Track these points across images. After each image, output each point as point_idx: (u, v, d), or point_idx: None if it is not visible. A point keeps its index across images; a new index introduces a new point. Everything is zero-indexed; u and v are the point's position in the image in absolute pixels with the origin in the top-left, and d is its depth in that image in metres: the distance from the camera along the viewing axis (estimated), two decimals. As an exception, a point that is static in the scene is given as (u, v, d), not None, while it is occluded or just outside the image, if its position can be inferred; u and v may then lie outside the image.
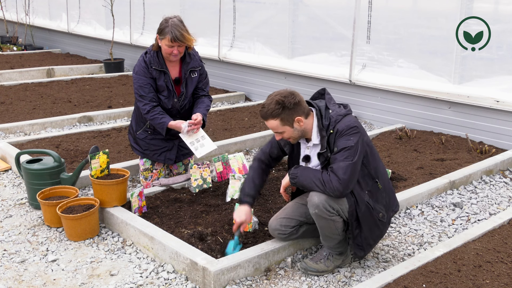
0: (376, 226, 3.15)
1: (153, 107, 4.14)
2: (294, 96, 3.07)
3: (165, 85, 4.17)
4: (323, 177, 3.02)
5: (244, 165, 4.57)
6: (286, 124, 3.08)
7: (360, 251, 3.18)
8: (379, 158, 3.23)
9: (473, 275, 3.06)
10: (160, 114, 4.13)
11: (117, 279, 3.23)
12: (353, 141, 2.99)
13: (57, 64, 10.06)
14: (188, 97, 4.31)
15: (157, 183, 4.37)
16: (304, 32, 7.38)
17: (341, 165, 2.96)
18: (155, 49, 4.16)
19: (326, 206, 3.02)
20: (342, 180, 2.95)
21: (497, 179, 4.79)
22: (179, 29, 3.99)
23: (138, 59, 4.22)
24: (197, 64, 4.32)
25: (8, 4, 13.50)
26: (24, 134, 6.03)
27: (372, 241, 3.20)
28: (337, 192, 2.97)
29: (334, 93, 6.82)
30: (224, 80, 8.41)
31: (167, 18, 4.06)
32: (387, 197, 3.20)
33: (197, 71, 4.32)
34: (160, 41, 4.08)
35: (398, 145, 5.56)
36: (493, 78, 5.62)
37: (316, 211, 3.05)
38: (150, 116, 4.13)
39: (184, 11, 8.96)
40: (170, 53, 4.06)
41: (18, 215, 4.09)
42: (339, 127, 3.03)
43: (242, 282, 3.15)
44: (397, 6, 6.59)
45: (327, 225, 3.11)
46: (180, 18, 4.11)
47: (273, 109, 3.04)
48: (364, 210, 3.07)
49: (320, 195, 3.03)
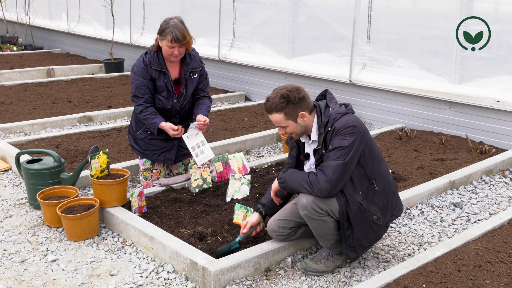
0: (370, 228, 3.10)
1: (146, 107, 4.16)
2: (299, 91, 3.08)
3: (164, 85, 4.17)
4: (310, 178, 3.01)
5: (244, 165, 4.57)
6: (290, 118, 3.08)
7: (352, 252, 3.13)
8: (380, 160, 3.16)
9: (473, 275, 3.06)
10: (152, 114, 4.15)
11: (117, 279, 3.23)
12: (348, 141, 2.96)
13: (57, 64, 10.06)
14: (188, 98, 4.31)
15: (157, 183, 4.37)
16: (304, 32, 7.38)
17: (332, 164, 2.95)
18: (155, 49, 4.16)
19: (314, 207, 3.01)
20: (330, 179, 2.93)
21: (497, 179, 4.79)
22: (180, 30, 3.99)
23: (137, 59, 4.23)
24: (197, 64, 4.31)
25: (8, 4, 13.50)
26: (24, 134, 6.03)
27: (366, 243, 3.15)
28: (325, 191, 2.96)
29: (334, 93, 6.77)
30: (224, 80, 8.41)
31: (168, 19, 4.06)
32: (385, 200, 3.14)
33: (197, 72, 4.32)
34: (160, 41, 4.07)
35: (398, 145, 5.56)
36: (493, 78, 5.62)
37: (304, 212, 3.05)
38: (143, 116, 4.16)
39: (184, 11, 8.96)
40: (170, 54, 4.06)
41: (18, 215, 4.09)
42: (337, 125, 3.02)
43: (242, 282, 3.15)
44: (397, 6, 6.60)
45: (318, 226, 3.10)
46: (181, 19, 4.11)
47: (278, 103, 3.05)
48: (356, 211, 3.03)
49: (307, 196, 3.03)
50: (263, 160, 5.02)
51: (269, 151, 5.66)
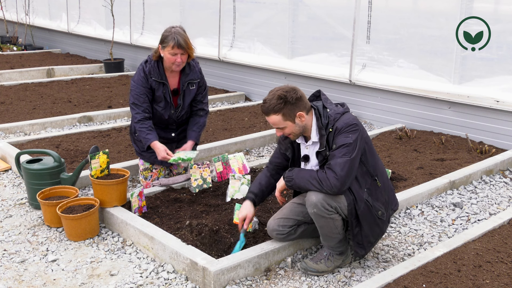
0: (376, 224, 3.15)
1: (145, 118, 4.13)
2: (296, 91, 3.09)
3: (163, 96, 4.17)
4: (319, 175, 3.02)
5: (244, 165, 4.57)
6: (288, 119, 3.08)
7: (361, 249, 3.18)
8: (377, 156, 3.23)
9: (473, 275, 3.06)
10: (148, 129, 4.11)
11: (117, 279, 3.23)
12: (352, 138, 2.99)
13: (57, 64, 10.06)
14: (185, 108, 4.32)
15: (157, 183, 4.37)
16: (304, 32, 7.38)
17: (339, 161, 2.96)
18: (155, 59, 4.13)
19: (324, 204, 3.02)
20: (340, 176, 2.95)
21: (497, 179, 4.79)
22: (182, 36, 3.99)
23: (137, 67, 4.22)
24: (196, 76, 4.29)
25: (8, 4, 13.51)
26: (24, 134, 6.03)
27: (372, 239, 3.20)
28: (335, 188, 2.97)
29: (334, 93, 6.85)
30: (224, 80, 8.41)
31: (169, 27, 4.06)
32: (386, 195, 3.20)
33: (196, 83, 4.30)
34: (162, 50, 4.05)
35: (398, 145, 5.56)
36: (493, 78, 5.62)
37: (314, 210, 3.05)
38: (139, 127, 4.13)
39: (184, 11, 8.96)
40: (173, 62, 4.03)
41: (18, 215, 4.09)
42: (338, 125, 3.04)
43: (242, 282, 3.15)
44: (397, 6, 6.60)
45: (326, 224, 3.11)
46: (183, 27, 4.10)
47: (275, 104, 3.04)
48: (363, 208, 3.06)
49: (317, 194, 3.03)
50: (263, 160, 5.02)
51: (269, 151, 5.66)
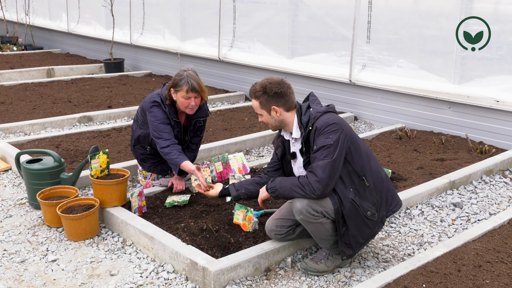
0: (365, 224, 3.10)
1: (174, 143, 3.99)
2: (280, 86, 3.13)
3: (175, 134, 4.14)
4: (301, 181, 3.01)
5: (244, 165, 4.57)
6: (264, 108, 3.18)
7: (348, 249, 3.14)
8: (369, 157, 3.15)
9: (473, 275, 3.06)
10: (178, 151, 3.96)
11: (117, 279, 3.24)
12: (332, 139, 2.97)
13: (57, 64, 10.07)
14: (187, 142, 4.36)
15: (157, 183, 4.37)
16: (304, 32, 7.38)
17: (320, 164, 2.95)
18: (169, 103, 4.05)
19: (310, 210, 3.01)
20: (321, 178, 2.93)
21: (497, 179, 4.79)
22: (195, 79, 3.93)
23: (151, 104, 4.06)
24: (204, 114, 4.29)
25: (8, 4, 13.51)
26: (24, 134, 6.03)
27: (361, 239, 3.15)
28: (318, 191, 2.95)
29: (334, 93, 6.85)
30: (224, 80, 8.41)
31: (181, 70, 3.98)
32: (377, 196, 3.13)
33: (202, 121, 4.31)
34: (175, 94, 3.98)
35: (398, 145, 5.56)
36: (493, 78, 5.62)
37: (301, 216, 3.05)
38: (168, 150, 3.95)
39: (184, 11, 8.96)
40: (187, 106, 3.98)
41: (18, 215, 4.09)
42: (318, 124, 3.03)
43: (242, 282, 3.15)
44: (397, 6, 6.60)
45: (315, 229, 3.10)
46: (194, 69, 4.04)
47: (256, 90, 3.18)
48: (349, 208, 3.03)
49: (302, 200, 3.03)
50: (263, 160, 5.02)
51: (269, 151, 5.66)
